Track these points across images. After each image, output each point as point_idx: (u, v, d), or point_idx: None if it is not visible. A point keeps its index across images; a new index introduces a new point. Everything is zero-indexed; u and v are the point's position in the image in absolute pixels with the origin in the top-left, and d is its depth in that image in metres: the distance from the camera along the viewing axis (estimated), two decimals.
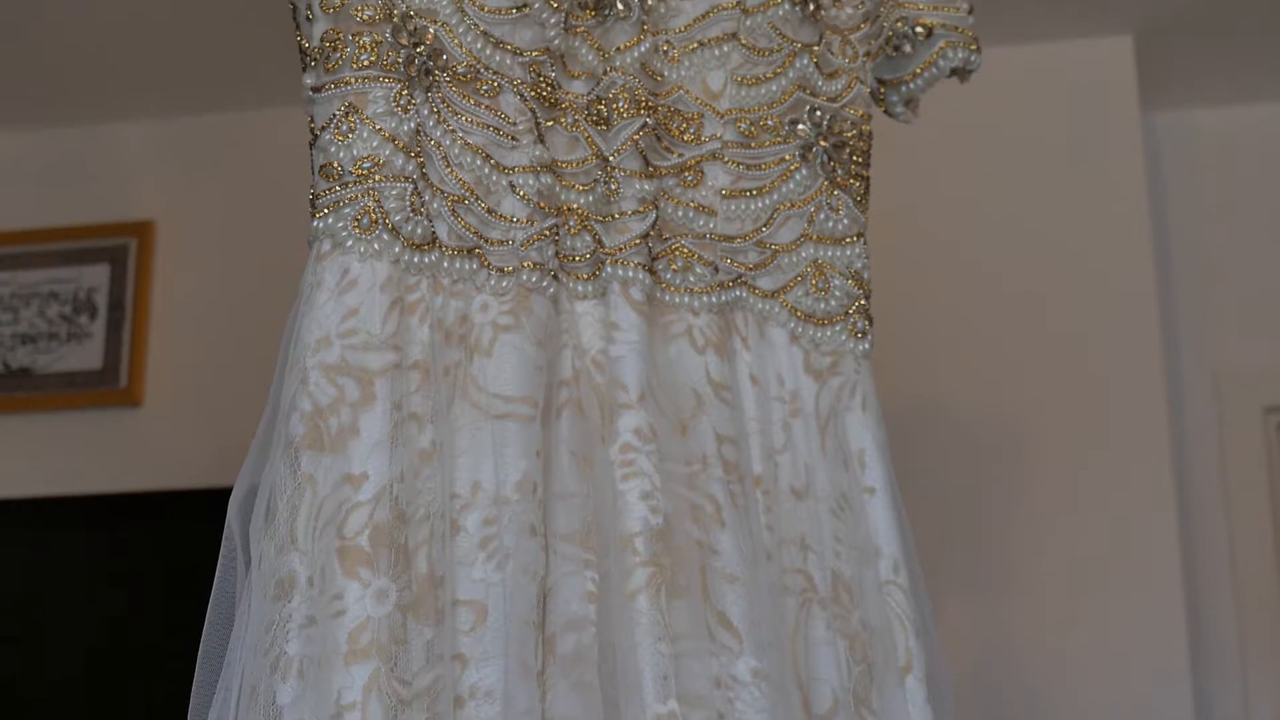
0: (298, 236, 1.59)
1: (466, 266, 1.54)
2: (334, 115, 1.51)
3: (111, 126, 3.92)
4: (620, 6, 1.69)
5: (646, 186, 1.67)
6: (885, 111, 1.93)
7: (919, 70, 1.88)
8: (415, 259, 1.51)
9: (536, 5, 1.62)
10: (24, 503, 3.69)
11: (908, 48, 1.86)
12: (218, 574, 1.49)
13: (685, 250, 1.70)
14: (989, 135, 3.51)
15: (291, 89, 2.29)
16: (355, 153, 1.50)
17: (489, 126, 1.58)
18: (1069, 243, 3.45)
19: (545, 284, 1.57)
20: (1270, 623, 3.45)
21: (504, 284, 1.55)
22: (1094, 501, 3.29)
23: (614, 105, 1.67)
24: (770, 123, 1.77)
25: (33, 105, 3.87)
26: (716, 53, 1.76)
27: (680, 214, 1.71)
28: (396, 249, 1.49)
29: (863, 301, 1.78)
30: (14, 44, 3.59)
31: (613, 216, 1.65)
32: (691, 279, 1.69)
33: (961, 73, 1.90)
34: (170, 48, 3.61)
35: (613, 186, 1.66)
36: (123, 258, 3.80)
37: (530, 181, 1.58)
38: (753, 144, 1.76)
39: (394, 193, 1.50)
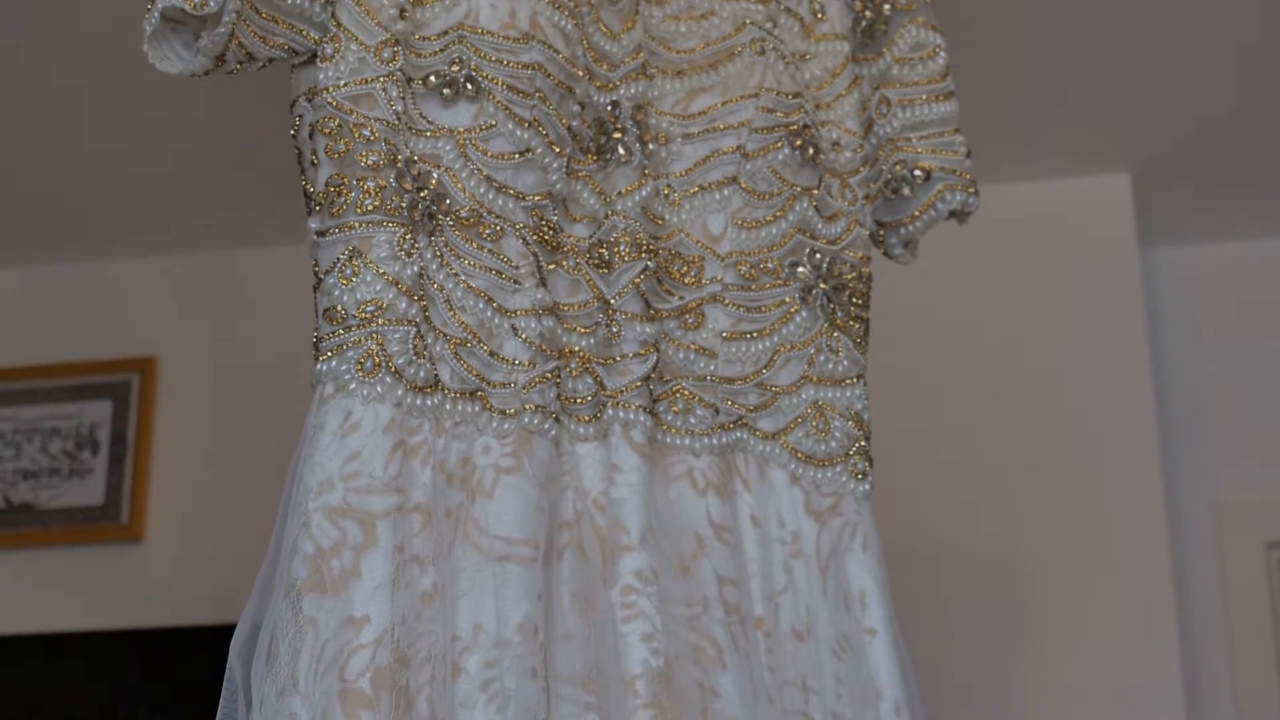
0: (301, 376, 1.59)
1: (468, 409, 1.55)
2: (338, 259, 1.52)
3: (115, 263, 3.93)
4: (622, 151, 1.71)
5: (647, 329, 1.68)
6: (884, 253, 1.94)
7: (918, 213, 1.89)
8: (418, 402, 1.51)
9: (539, 150, 1.63)
10: (25, 639, 3.67)
11: (906, 191, 1.88)
12: (219, 716, 1.48)
13: (686, 392, 1.70)
14: (988, 272, 3.53)
15: (295, 228, 2.31)
16: (359, 296, 1.51)
17: (491, 270, 1.59)
18: (1068, 378, 3.46)
19: (547, 426, 1.58)
20: None
21: (506, 426, 1.56)
22: (1095, 637, 3.27)
23: (615, 249, 1.68)
24: (770, 265, 1.78)
25: (36, 241, 3.89)
26: (717, 196, 1.78)
27: (681, 356, 1.72)
28: (399, 392, 1.50)
29: (863, 443, 1.78)
30: (17, 180, 3.62)
31: (614, 359, 1.66)
32: (692, 421, 1.70)
33: (960, 215, 1.91)
34: (174, 185, 3.63)
35: (614, 329, 1.67)
36: (125, 394, 3.81)
37: (532, 324, 1.59)
38: (753, 286, 1.77)
39: (397, 336, 1.51)
